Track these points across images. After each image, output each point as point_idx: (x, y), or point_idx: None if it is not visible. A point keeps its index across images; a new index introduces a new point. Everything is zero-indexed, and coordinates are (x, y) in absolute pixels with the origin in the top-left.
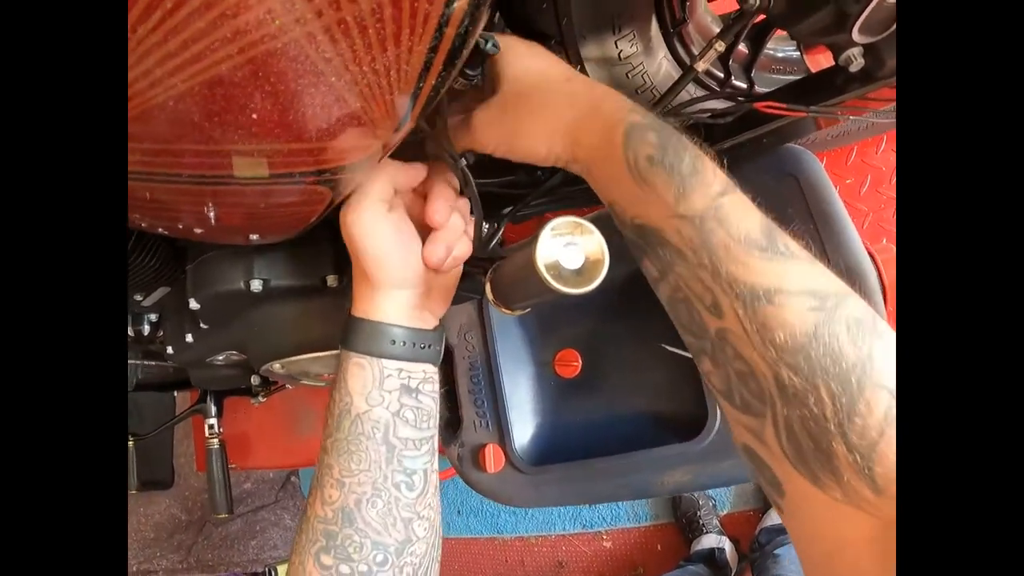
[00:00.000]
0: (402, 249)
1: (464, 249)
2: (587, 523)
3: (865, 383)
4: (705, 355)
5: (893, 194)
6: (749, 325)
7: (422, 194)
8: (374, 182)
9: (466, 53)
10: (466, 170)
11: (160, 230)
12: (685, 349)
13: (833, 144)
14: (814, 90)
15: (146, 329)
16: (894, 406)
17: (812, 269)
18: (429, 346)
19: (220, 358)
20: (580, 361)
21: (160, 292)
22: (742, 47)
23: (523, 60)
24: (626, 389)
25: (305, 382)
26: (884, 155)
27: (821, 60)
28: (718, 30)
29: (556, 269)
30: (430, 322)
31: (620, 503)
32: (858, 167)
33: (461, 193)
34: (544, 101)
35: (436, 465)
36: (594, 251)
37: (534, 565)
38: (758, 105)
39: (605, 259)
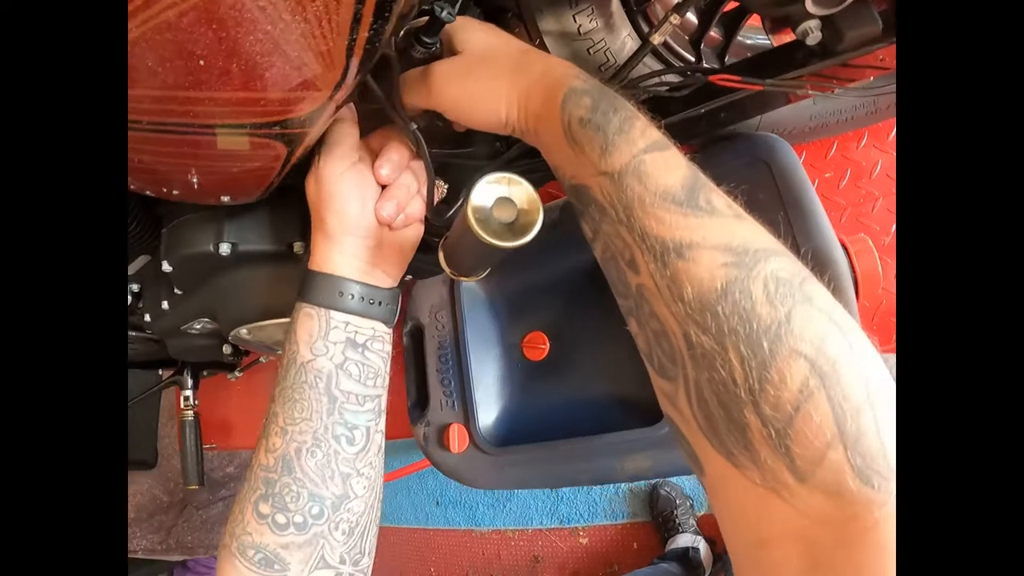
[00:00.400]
0: (358, 197)
1: (416, 209)
2: (564, 518)
3: (778, 349)
4: (631, 315)
5: (872, 189)
6: (660, 280)
7: None
8: (341, 139)
9: (396, 8)
10: (417, 133)
11: (134, 187)
12: None
13: (812, 136)
14: (774, 64)
15: (128, 299)
16: (812, 377)
17: (734, 224)
18: (380, 303)
19: (196, 327)
20: (548, 344)
21: (141, 260)
22: (715, 33)
23: (480, 34)
24: (592, 373)
25: (276, 350)
26: (864, 150)
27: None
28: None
29: (489, 224)
30: (384, 281)
31: (599, 500)
32: (838, 161)
33: (417, 158)
34: (501, 68)
35: (382, 426)
36: (526, 204)
37: (510, 558)
38: (713, 78)
39: (538, 211)
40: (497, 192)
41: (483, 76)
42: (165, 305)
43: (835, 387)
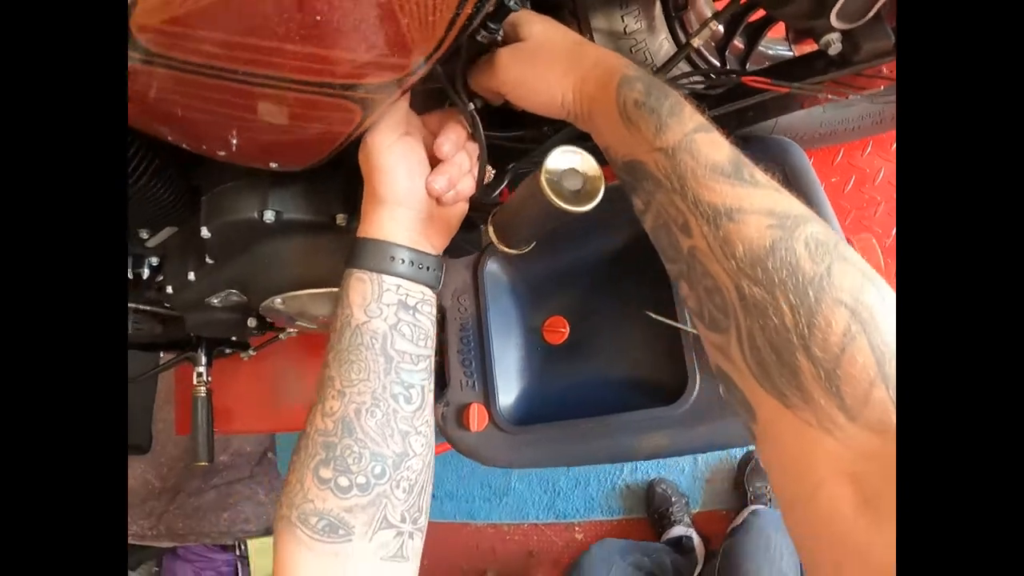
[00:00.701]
0: (409, 169)
1: (467, 187)
2: (560, 513)
3: (822, 298)
4: (682, 278)
5: (875, 194)
6: (713, 241)
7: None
8: (395, 112)
9: None
10: (475, 114)
11: (189, 145)
12: (669, 316)
13: (821, 143)
14: (797, 70)
15: (146, 272)
16: (853, 322)
17: (775, 195)
18: (428, 268)
19: (218, 298)
20: (568, 328)
21: (166, 232)
22: (738, 42)
23: (540, 24)
24: (610, 356)
25: (300, 323)
26: (869, 158)
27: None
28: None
29: (559, 189)
30: (430, 251)
31: (595, 496)
32: (844, 167)
33: (472, 140)
34: (559, 56)
35: (432, 386)
36: (591, 173)
37: (505, 553)
38: (746, 79)
39: (601, 181)
40: (567, 161)
41: (543, 62)
42: (191, 276)
43: (874, 332)
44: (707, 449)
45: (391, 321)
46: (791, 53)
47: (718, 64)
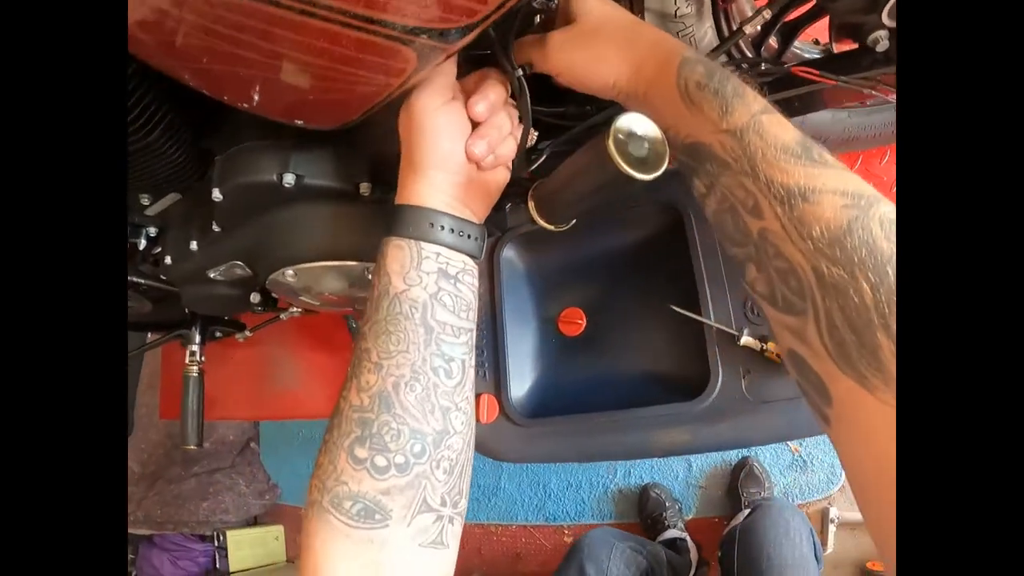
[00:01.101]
0: (451, 133)
1: (507, 151)
2: (550, 516)
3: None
4: (750, 261)
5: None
6: (787, 222)
7: None
8: (443, 75)
9: None
10: (522, 79)
11: (211, 90)
12: (692, 310)
13: (843, 148)
14: (843, 65)
15: (142, 243)
16: None
17: (845, 174)
18: (470, 236)
19: (221, 271)
20: (584, 320)
21: (169, 199)
22: (773, 41)
23: (596, 1)
24: (628, 350)
25: (305, 299)
26: (886, 167)
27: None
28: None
29: (626, 154)
30: (471, 217)
31: (587, 499)
32: (861, 173)
33: (513, 100)
34: (614, 37)
35: (474, 360)
36: (658, 139)
37: (491, 554)
38: (795, 69)
39: (666, 149)
40: (635, 125)
41: (597, 44)
42: (194, 245)
43: None
44: (728, 447)
45: (431, 290)
46: (820, 52)
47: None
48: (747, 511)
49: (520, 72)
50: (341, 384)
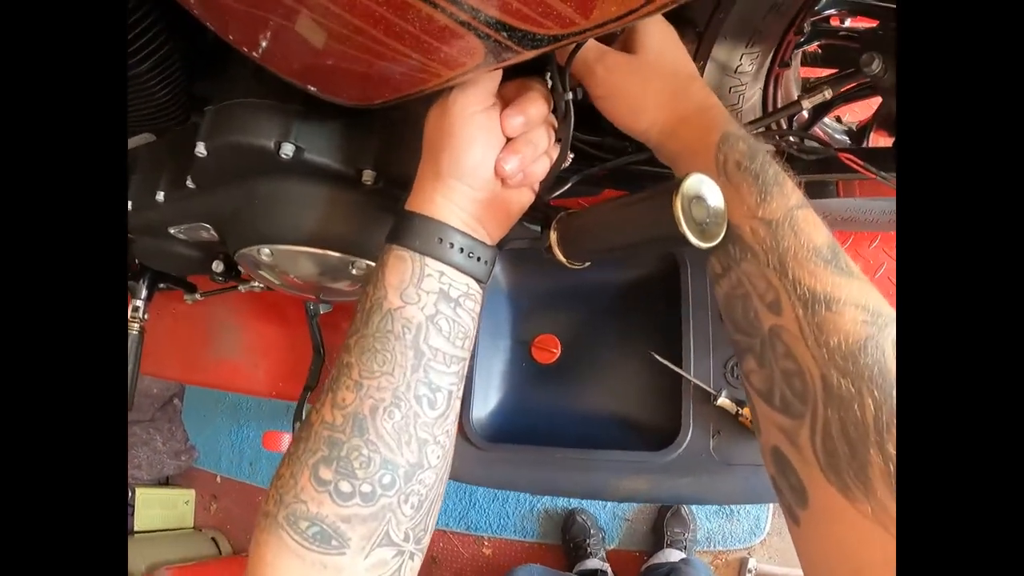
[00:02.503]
0: (484, 143)
1: (539, 171)
2: (472, 525)
3: None
4: (751, 353)
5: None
6: (806, 325)
7: None
8: (489, 79)
9: None
10: (570, 104)
11: (223, 27)
12: (673, 361)
13: (839, 226)
14: (881, 160)
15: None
16: None
17: (868, 288)
18: (480, 259)
19: (184, 228)
20: (559, 350)
21: (141, 139)
22: (805, 113)
23: (660, 37)
24: (601, 388)
25: (269, 278)
26: (874, 251)
27: (880, 141)
28: (797, 92)
29: (689, 216)
30: (485, 238)
31: (511, 514)
32: (850, 252)
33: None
34: (665, 85)
35: (460, 392)
36: (720, 210)
37: None
38: (841, 155)
39: (725, 221)
40: (703, 189)
41: (644, 86)
42: (160, 196)
43: None
44: (686, 502)
45: (429, 312)
46: (845, 137)
47: (784, 126)
48: (668, 556)
49: (570, 96)
50: (318, 396)
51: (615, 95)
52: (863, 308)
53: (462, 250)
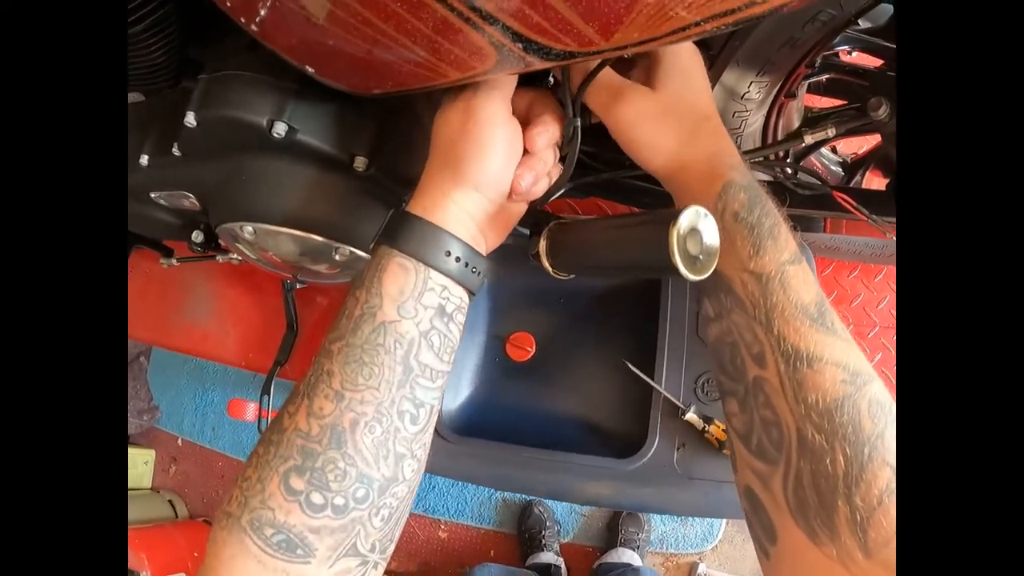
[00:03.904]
0: (508, 154)
1: (541, 189)
2: (430, 508)
3: (874, 456)
4: (734, 397)
5: (847, 314)
6: (787, 380)
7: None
8: (508, 84)
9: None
10: (579, 128)
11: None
12: (646, 372)
13: (821, 253)
14: (873, 202)
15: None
16: (894, 482)
17: (850, 348)
18: (477, 272)
19: (165, 195)
20: (534, 349)
21: (130, 98)
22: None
23: (687, 78)
24: (572, 391)
25: (247, 253)
26: (853, 281)
27: (874, 182)
28: (799, 121)
29: (683, 247)
30: (482, 250)
31: (470, 500)
32: (828, 281)
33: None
34: (679, 127)
35: (441, 404)
36: (713, 247)
37: None
38: (836, 193)
39: (716, 259)
40: (699, 222)
41: (657, 125)
42: (144, 160)
43: None
44: (647, 510)
45: (423, 328)
46: (839, 169)
47: (781, 154)
48: (618, 554)
49: (579, 122)
50: (289, 399)
51: (627, 131)
52: (843, 367)
53: (465, 264)
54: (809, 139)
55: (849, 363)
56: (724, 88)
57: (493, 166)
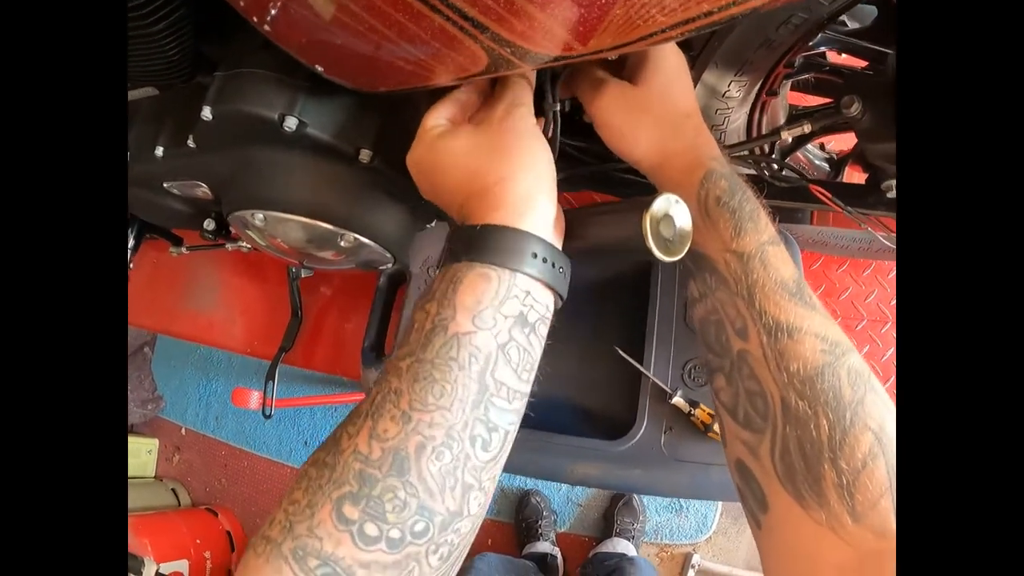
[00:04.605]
0: (548, 159)
1: None
2: None
3: (856, 421)
4: (721, 373)
5: (836, 307)
6: (769, 352)
7: None
8: (526, 95)
9: None
10: (558, 114)
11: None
12: (635, 358)
13: (809, 247)
14: (850, 196)
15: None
16: (876, 445)
17: (828, 322)
18: (563, 272)
19: (179, 185)
20: None
21: (144, 92)
22: (789, 139)
23: (671, 77)
24: (565, 376)
25: (257, 240)
26: (841, 275)
27: (855, 176)
28: (784, 117)
29: (656, 231)
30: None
31: None
32: (817, 275)
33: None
34: (661, 121)
35: (516, 430)
36: (686, 230)
37: None
38: (812, 187)
39: (690, 240)
40: (671, 208)
41: (641, 119)
42: (159, 152)
43: (891, 455)
44: (634, 491)
45: (502, 339)
46: (826, 165)
47: (766, 149)
48: (615, 545)
49: (558, 107)
50: (349, 416)
51: (612, 124)
52: (822, 338)
53: (553, 264)
54: (786, 135)
55: (828, 334)
56: (705, 87)
57: (548, 172)
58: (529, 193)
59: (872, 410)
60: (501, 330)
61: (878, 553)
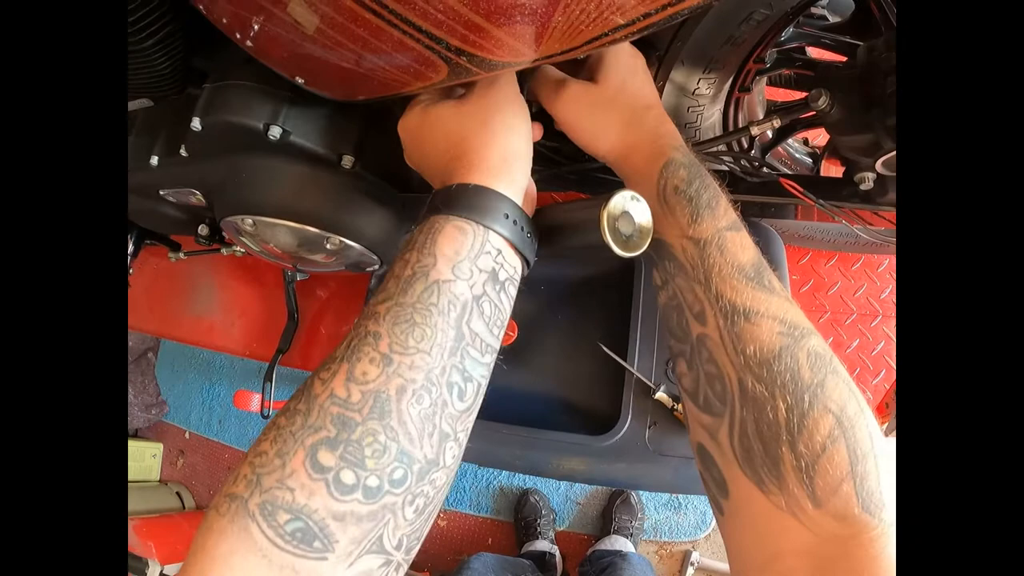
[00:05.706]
0: (529, 128)
1: None
2: None
3: (815, 403)
4: (683, 358)
5: (824, 302)
6: (726, 335)
7: None
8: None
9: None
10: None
11: (228, 20)
12: (619, 355)
13: (796, 242)
14: (824, 189)
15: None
16: (837, 428)
17: (787, 304)
18: (531, 237)
19: (174, 192)
20: (516, 333)
21: (138, 103)
22: (769, 133)
23: (627, 72)
24: (550, 373)
25: (249, 244)
26: (829, 269)
27: (832, 170)
28: (762, 113)
29: (614, 228)
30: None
31: (467, 489)
32: (806, 269)
33: None
34: (621, 115)
35: (486, 386)
36: (645, 226)
37: None
38: (783, 180)
39: (649, 236)
40: (629, 206)
41: (603, 115)
42: (155, 161)
43: (852, 438)
44: (619, 486)
45: (476, 291)
46: (809, 160)
47: (746, 145)
48: (612, 542)
49: (533, 109)
50: (321, 359)
51: (574, 122)
52: (780, 321)
53: (522, 228)
54: (755, 130)
55: (786, 317)
56: (675, 85)
57: (527, 143)
58: (504, 158)
59: (833, 393)
60: (476, 282)
61: (839, 538)
